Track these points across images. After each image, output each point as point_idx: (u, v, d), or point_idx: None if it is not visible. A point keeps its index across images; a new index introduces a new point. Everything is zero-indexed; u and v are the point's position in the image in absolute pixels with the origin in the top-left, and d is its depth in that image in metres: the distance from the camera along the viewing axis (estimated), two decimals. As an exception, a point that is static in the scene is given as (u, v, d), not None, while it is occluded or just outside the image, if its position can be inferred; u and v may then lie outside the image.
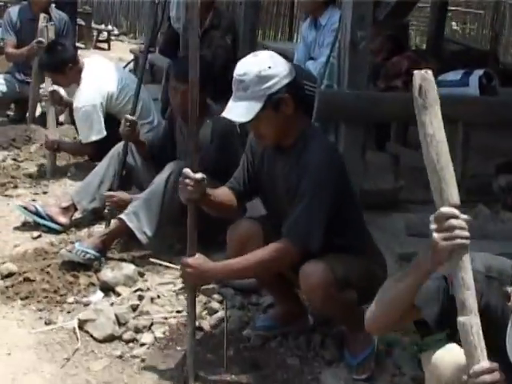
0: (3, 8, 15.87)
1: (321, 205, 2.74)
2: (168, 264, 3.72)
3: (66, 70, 4.99)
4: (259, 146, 2.96)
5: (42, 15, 5.98)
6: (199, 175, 2.72)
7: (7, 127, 6.22)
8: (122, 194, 4.08)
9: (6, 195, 4.79)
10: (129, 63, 9.96)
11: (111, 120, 5.03)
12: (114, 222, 3.89)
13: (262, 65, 2.68)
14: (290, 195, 2.83)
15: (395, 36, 7.00)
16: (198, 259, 2.79)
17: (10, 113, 6.85)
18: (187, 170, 2.72)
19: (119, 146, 4.33)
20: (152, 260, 3.76)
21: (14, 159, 5.48)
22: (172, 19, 10.37)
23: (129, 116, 4.10)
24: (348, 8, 4.29)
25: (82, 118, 5.00)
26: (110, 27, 15.78)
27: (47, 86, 5.21)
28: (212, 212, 2.96)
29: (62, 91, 5.28)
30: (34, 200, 4.71)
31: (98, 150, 5.11)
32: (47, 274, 3.62)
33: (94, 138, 5.00)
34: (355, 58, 4.27)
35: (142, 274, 3.67)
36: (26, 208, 4.23)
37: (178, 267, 3.65)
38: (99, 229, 4.24)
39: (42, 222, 4.21)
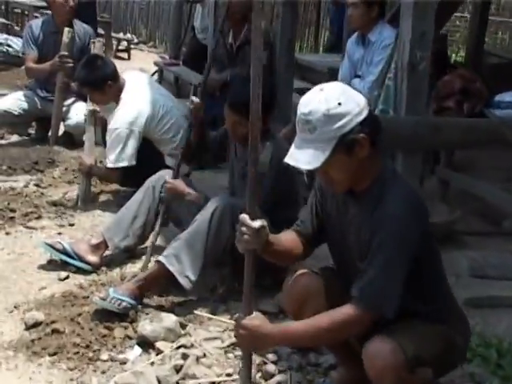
0: (21, 16, 15.63)
1: (400, 265, 2.33)
2: (214, 317, 3.32)
3: (106, 87, 4.59)
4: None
5: (66, 29, 5.62)
6: (258, 223, 2.34)
7: (29, 148, 5.83)
8: (180, 184, 3.83)
9: (28, 227, 4.41)
10: (153, 74, 9.59)
11: (147, 147, 4.65)
12: (152, 265, 3.50)
13: (331, 101, 2.28)
14: (362, 248, 2.43)
15: (438, 48, 6.59)
16: (254, 320, 2.42)
17: (32, 131, 6.46)
18: (244, 217, 2.34)
19: (154, 178, 3.96)
20: (197, 313, 3.36)
21: (37, 185, 5.09)
22: (196, 29, 10.04)
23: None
24: (406, 25, 3.89)
25: (115, 140, 4.60)
26: (128, 36, 15.43)
27: (88, 105, 4.85)
28: (275, 261, 2.59)
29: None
30: (59, 233, 4.33)
31: (126, 178, 4.74)
32: (78, 325, 3.25)
33: (122, 164, 4.61)
34: (414, 81, 3.89)
35: (183, 326, 3.27)
36: (52, 246, 3.84)
37: (225, 320, 3.30)
38: (132, 269, 3.87)
39: (70, 261, 3.83)
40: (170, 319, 3.22)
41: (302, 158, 2.31)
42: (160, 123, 4.67)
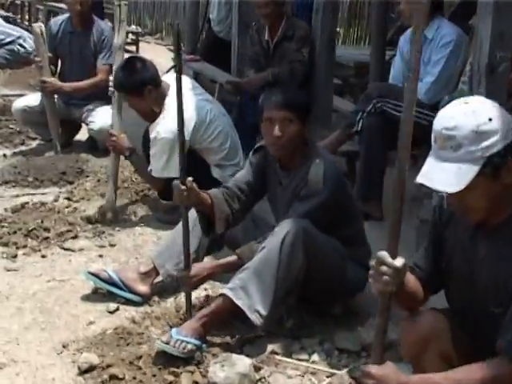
0: (21, 8, 15.19)
1: None
2: (293, 361, 2.96)
3: (145, 92, 4.19)
4: (457, 216, 2.24)
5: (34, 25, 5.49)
6: (400, 262, 2.06)
7: (55, 157, 5.43)
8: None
9: (65, 248, 4.05)
10: (168, 71, 9.19)
11: (192, 156, 4.26)
12: (216, 299, 3.13)
13: (481, 116, 2.00)
14: (499, 291, 2.12)
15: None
16: (385, 369, 2.11)
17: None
18: (384, 255, 2.06)
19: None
20: (273, 356, 3.00)
21: (68, 198, 4.72)
22: (212, 21, 9.64)
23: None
24: (485, 24, 3.52)
25: (160, 149, 4.21)
26: (133, 27, 15.04)
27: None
28: (398, 304, 2.30)
29: None
30: (100, 256, 3.97)
31: (167, 190, 4.37)
32: (139, 370, 2.88)
33: (167, 175, 4.24)
34: (493, 84, 3.53)
35: (258, 368, 2.91)
36: (97, 276, 3.48)
37: (305, 364, 2.95)
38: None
39: (118, 292, 3.47)
40: (243, 363, 2.85)
41: (441, 178, 2.04)
42: (207, 131, 4.30)
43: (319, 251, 3.08)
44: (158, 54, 11.72)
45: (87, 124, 5.72)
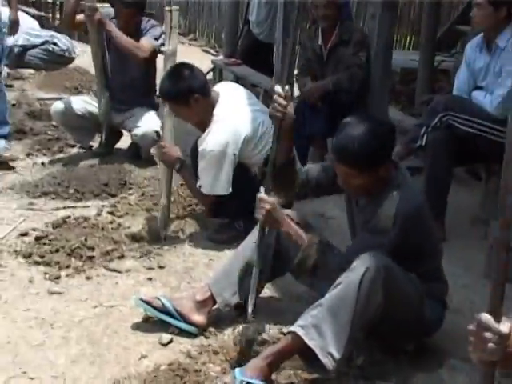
0: (52, 7, 14.97)
1: None
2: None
3: (192, 101, 3.92)
4: None
5: None
6: (506, 327, 1.71)
7: (96, 168, 5.17)
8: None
9: (111, 269, 3.79)
10: (206, 74, 8.92)
11: (241, 171, 4.00)
12: (285, 337, 2.84)
13: None
14: None
15: None
16: None
17: (94, 144, 5.81)
18: (487, 319, 1.72)
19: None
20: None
21: (112, 213, 4.45)
22: (251, 23, 9.35)
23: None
24: None
25: (209, 163, 3.95)
26: (164, 28, 14.79)
27: None
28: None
29: None
30: (149, 279, 3.70)
31: (218, 207, 4.11)
32: (198, 415, 2.61)
33: (216, 192, 3.98)
34: None
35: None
36: (150, 304, 3.21)
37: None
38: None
39: (172, 322, 3.20)
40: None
41: None
42: (259, 144, 4.03)
43: (399, 289, 2.78)
44: (191, 56, 11.43)
45: (130, 130, 5.44)
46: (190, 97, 3.90)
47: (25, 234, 4.15)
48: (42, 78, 8.16)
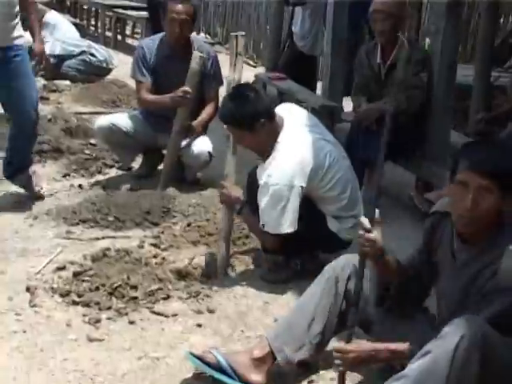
0: (87, 13, 14.78)
1: None
2: None
3: (257, 126, 3.56)
4: None
5: (195, 53, 4.65)
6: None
7: (137, 193, 4.82)
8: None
9: (156, 313, 3.44)
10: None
11: (307, 207, 3.63)
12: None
13: None
14: None
15: None
16: None
17: (135, 165, 5.49)
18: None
19: (337, 265, 2.94)
20: None
21: (155, 245, 4.12)
22: (295, 35, 9.01)
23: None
24: None
25: (273, 198, 3.55)
26: (202, 35, 14.50)
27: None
28: None
29: None
30: (199, 325, 3.35)
31: (284, 246, 3.74)
32: None
33: (283, 230, 3.59)
34: None
35: None
36: (202, 359, 2.86)
37: None
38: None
39: (227, 381, 2.84)
40: None
41: None
42: (326, 176, 3.64)
43: (498, 362, 2.38)
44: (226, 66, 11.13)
45: (180, 149, 5.09)
46: (256, 122, 3.55)
47: (62, 268, 3.84)
48: (78, 91, 7.87)
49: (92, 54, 8.53)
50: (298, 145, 3.60)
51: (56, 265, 3.87)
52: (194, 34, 5.16)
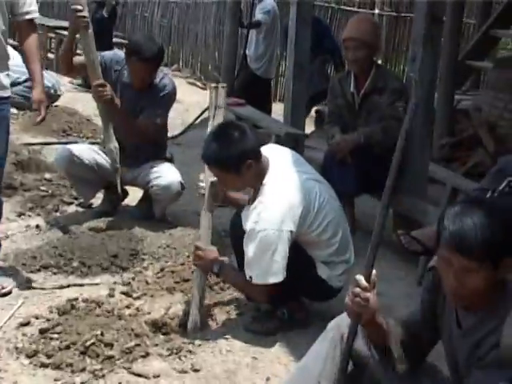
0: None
1: None
2: None
3: (243, 168, 3.30)
4: None
5: None
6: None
7: (102, 235, 4.46)
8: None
9: (135, 373, 3.13)
10: (202, 114, 8.33)
11: (296, 253, 3.36)
12: None
13: None
14: None
15: None
16: None
17: (94, 201, 5.14)
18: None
19: (341, 322, 2.67)
20: None
21: (126, 293, 3.81)
22: (249, 58, 8.85)
23: None
24: None
25: (261, 247, 3.26)
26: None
27: (207, 176, 3.55)
28: None
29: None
30: (188, 388, 3.05)
31: (272, 298, 3.46)
32: None
33: (272, 280, 3.30)
34: None
35: None
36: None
37: None
38: None
39: None
40: None
41: None
42: (316, 219, 3.37)
43: None
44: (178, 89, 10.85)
45: (147, 183, 4.76)
46: (243, 163, 3.28)
47: (26, 324, 3.49)
48: (26, 119, 7.46)
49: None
50: (285, 186, 3.34)
51: (19, 320, 3.53)
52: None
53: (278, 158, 3.48)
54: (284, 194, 3.31)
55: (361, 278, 2.37)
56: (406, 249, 4.41)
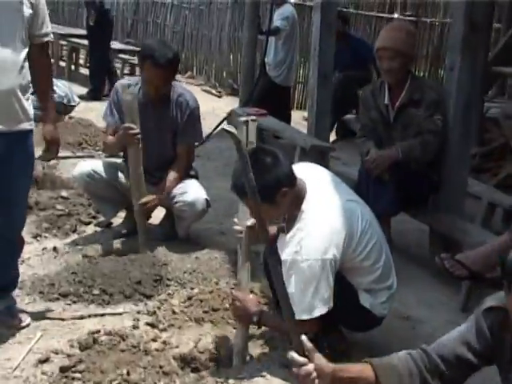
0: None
1: None
2: None
3: (278, 197, 3.02)
4: None
5: (118, 84, 4.44)
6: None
7: (124, 260, 4.18)
8: None
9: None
10: (221, 123, 8.06)
11: (338, 281, 3.08)
12: None
13: None
14: None
15: None
16: None
17: (114, 221, 4.89)
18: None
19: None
20: None
21: (152, 325, 3.55)
22: (268, 65, 8.61)
23: None
24: None
25: (304, 279, 2.99)
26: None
27: (242, 218, 3.25)
28: None
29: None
30: None
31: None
32: None
33: (319, 311, 3.03)
34: None
35: None
36: None
37: None
38: None
39: None
40: None
41: None
42: (359, 245, 3.09)
43: None
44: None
45: (172, 199, 4.50)
46: (277, 192, 3.00)
47: (45, 360, 3.24)
48: (39, 132, 7.19)
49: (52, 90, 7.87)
50: (325, 211, 3.07)
51: (37, 355, 3.28)
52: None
53: (313, 179, 3.20)
54: (325, 219, 3.04)
55: (293, 356, 2.33)
56: (450, 273, 4.13)
